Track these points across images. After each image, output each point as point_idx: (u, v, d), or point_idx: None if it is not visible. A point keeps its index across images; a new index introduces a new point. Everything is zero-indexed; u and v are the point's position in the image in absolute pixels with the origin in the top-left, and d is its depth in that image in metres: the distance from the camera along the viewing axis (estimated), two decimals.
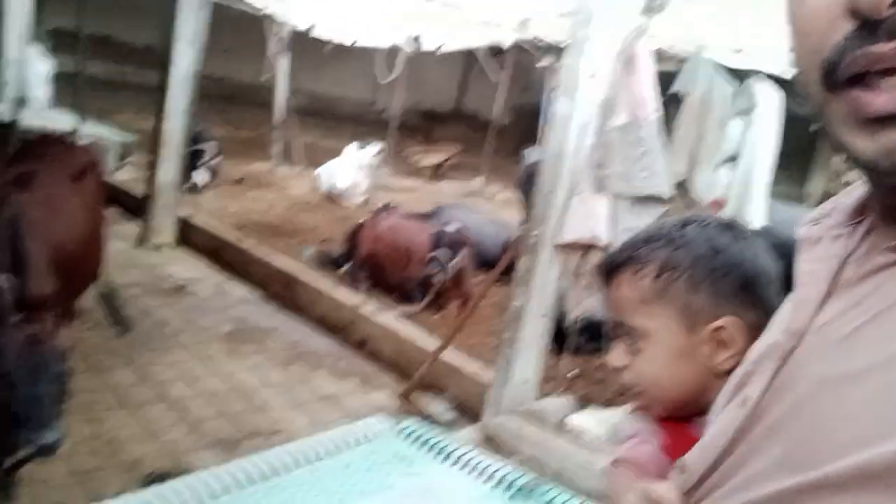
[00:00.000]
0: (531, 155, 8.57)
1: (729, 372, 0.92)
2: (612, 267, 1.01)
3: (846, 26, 0.53)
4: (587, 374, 4.93)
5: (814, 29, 0.56)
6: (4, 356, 2.33)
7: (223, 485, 1.82)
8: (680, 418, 0.99)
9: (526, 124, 16.43)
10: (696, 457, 0.69)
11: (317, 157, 11.41)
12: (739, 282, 0.95)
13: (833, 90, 0.56)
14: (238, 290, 5.94)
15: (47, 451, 2.33)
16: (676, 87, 3.49)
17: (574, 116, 3.24)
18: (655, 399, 0.99)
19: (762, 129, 3.97)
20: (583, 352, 5.12)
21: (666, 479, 0.86)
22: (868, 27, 0.52)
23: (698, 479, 0.68)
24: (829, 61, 0.55)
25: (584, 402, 4.12)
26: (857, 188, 0.71)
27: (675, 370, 0.96)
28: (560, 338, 3.84)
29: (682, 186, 3.36)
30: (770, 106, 3.93)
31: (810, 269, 0.68)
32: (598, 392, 4.52)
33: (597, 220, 3.31)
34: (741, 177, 3.94)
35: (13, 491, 2.79)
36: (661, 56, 4.54)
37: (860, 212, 0.68)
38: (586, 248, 3.42)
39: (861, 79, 0.53)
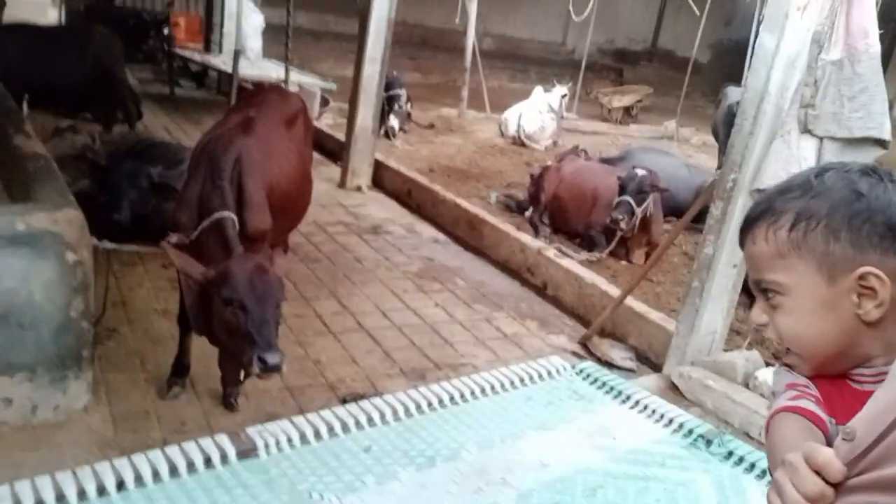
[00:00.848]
0: (732, 94, 8.03)
1: (878, 322, 0.86)
2: (748, 222, 0.99)
3: None
4: None
5: None
6: (239, 283, 2.60)
7: (417, 405, 1.99)
8: (834, 373, 0.95)
9: (726, 62, 15.33)
10: (866, 426, 0.66)
11: (505, 101, 11.47)
12: (884, 227, 0.87)
13: None
14: (427, 231, 6.22)
15: (274, 369, 2.56)
16: None
17: (780, 51, 3.00)
18: (801, 356, 0.95)
19: None
20: None
21: (830, 443, 0.84)
22: None
23: (865, 449, 0.65)
24: None
25: (773, 359, 3.92)
26: None
27: (818, 324, 0.91)
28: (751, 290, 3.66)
29: None
30: None
31: None
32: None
33: (801, 164, 3.08)
34: None
35: (237, 399, 3.20)
36: None
37: None
38: None
39: None
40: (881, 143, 2.99)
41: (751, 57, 3.35)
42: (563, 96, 10.80)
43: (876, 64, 2.92)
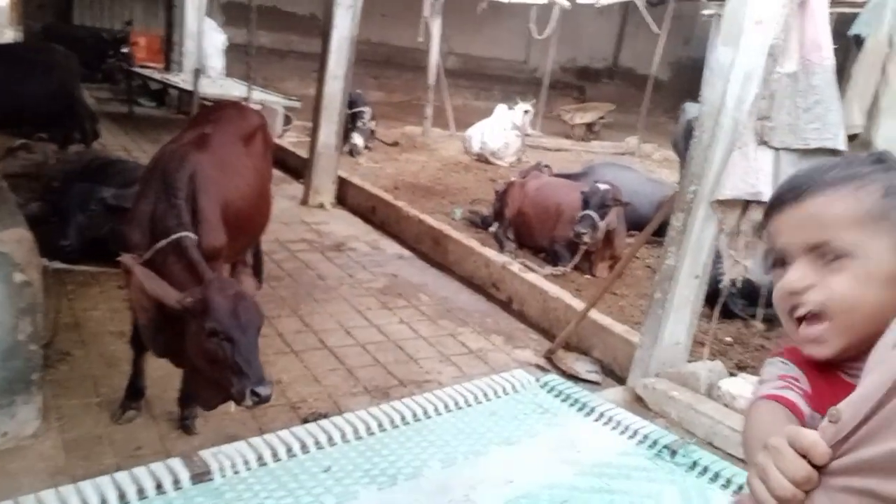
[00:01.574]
0: (691, 110, 8.16)
1: None
2: (817, 183, 0.96)
3: None
4: (742, 340, 4.71)
5: None
6: (223, 313, 2.45)
7: (378, 423, 1.94)
8: (829, 366, 0.95)
9: (685, 79, 15.63)
10: (851, 408, 0.65)
11: (468, 119, 11.52)
12: None
13: None
14: (392, 247, 6.18)
15: (266, 400, 2.41)
16: (856, 29, 3.18)
17: (737, 65, 3.04)
18: (843, 325, 0.92)
19: None
20: (738, 316, 4.89)
21: (815, 427, 0.82)
22: None
23: (850, 431, 0.65)
24: None
25: (737, 369, 3.95)
26: None
27: (879, 296, 0.91)
28: (714, 301, 3.68)
29: (856, 139, 3.07)
30: None
31: None
32: (752, 359, 4.31)
33: (758, 175, 3.12)
34: None
35: (195, 422, 3.11)
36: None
37: None
38: (746, 205, 3.24)
39: None
40: (836, 153, 3.03)
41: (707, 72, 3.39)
42: (526, 113, 10.90)
43: (830, 76, 2.97)
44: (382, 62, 16.26)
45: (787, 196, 0.98)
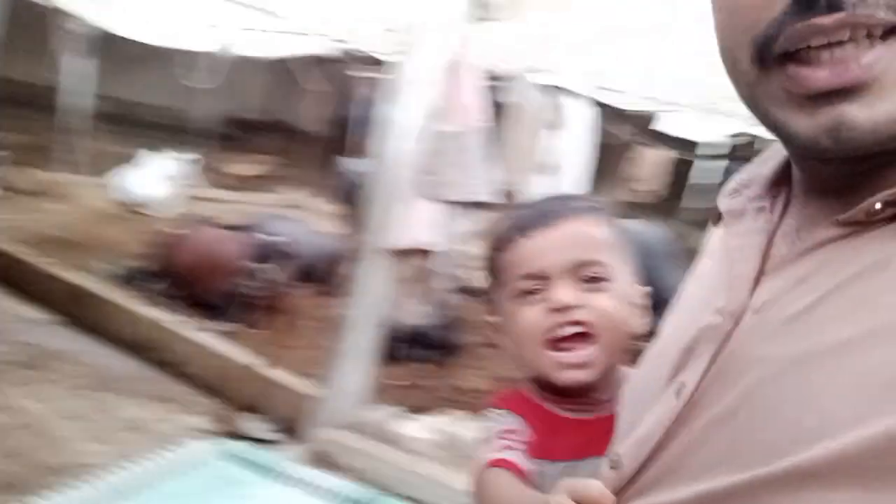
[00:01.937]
0: (347, 165, 8.52)
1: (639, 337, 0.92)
2: (565, 211, 0.98)
3: (783, 1, 0.51)
4: (418, 383, 4.92)
5: (747, 4, 0.54)
6: None
7: None
8: (544, 402, 0.95)
9: (344, 135, 16.36)
10: (631, 451, 0.64)
11: (117, 166, 10.56)
12: (639, 256, 1.03)
13: (766, 67, 0.54)
14: (31, 313, 5.30)
15: None
16: (501, 98, 3.61)
17: (400, 122, 3.23)
18: (608, 346, 0.94)
19: (576, 141, 4.21)
20: (413, 360, 5.12)
21: (540, 479, 0.82)
22: (806, 1, 0.51)
23: (632, 475, 0.63)
24: (765, 36, 0.53)
25: (414, 411, 4.10)
26: (770, 157, 0.70)
27: (630, 313, 0.97)
28: (392, 348, 3.80)
29: (510, 194, 3.47)
30: (583, 121, 4.18)
31: (739, 245, 0.65)
32: (428, 400, 4.52)
33: (424, 226, 3.32)
34: (559, 186, 4.15)
35: None
36: (490, 72, 4.67)
37: (778, 184, 0.67)
38: (413, 254, 3.42)
39: (794, 56, 0.52)
40: (489, 206, 3.36)
41: (355, 132, 3.56)
42: (183, 162, 10.38)
43: (483, 136, 3.30)
44: (22, 101, 14.25)
45: (533, 223, 0.96)
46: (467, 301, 5.49)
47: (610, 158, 10.61)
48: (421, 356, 5.02)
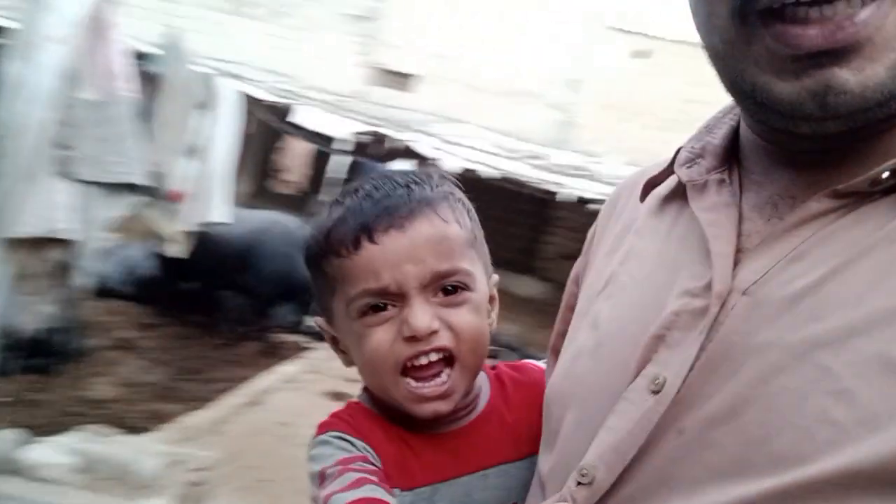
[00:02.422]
0: None
1: None
2: (417, 204, 0.79)
3: None
4: (37, 398, 4.13)
5: None
6: None
7: None
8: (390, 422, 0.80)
9: None
10: (606, 460, 0.53)
11: None
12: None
13: (747, 24, 0.50)
14: None
15: None
16: (152, 67, 3.20)
17: (31, 85, 2.66)
18: (467, 369, 0.78)
19: (224, 124, 3.96)
20: (30, 371, 4.29)
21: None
22: None
23: (607, 490, 0.53)
24: None
25: (40, 433, 3.43)
26: (716, 126, 0.64)
27: (486, 328, 0.81)
28: (2, 359, 3.12)
29: (160, 177, 3.10)
30: (232, 103, 3.94)
31: (710, 220, 0.57)
32: (54, 417, 3.83)
33: (59, 209, 2.81)
34: (207, 171, 3.84)
35: None
36: (138, 37, 4.08)
37: (729, 154, 0.62)
38: (44, 244, 2.87)
39: (779, 13, 0.48)
40: (139, 188, 2.99)
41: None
42: None
43: (130, 108, 2.90)
44: None
45: (381, 223, 0.77)
46: (95, 300, 4.83)
47: (254, 147, 10.31)
48: (39, 366, 4.23)
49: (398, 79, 10.36)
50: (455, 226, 0.80)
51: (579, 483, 0.54)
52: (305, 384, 5.01)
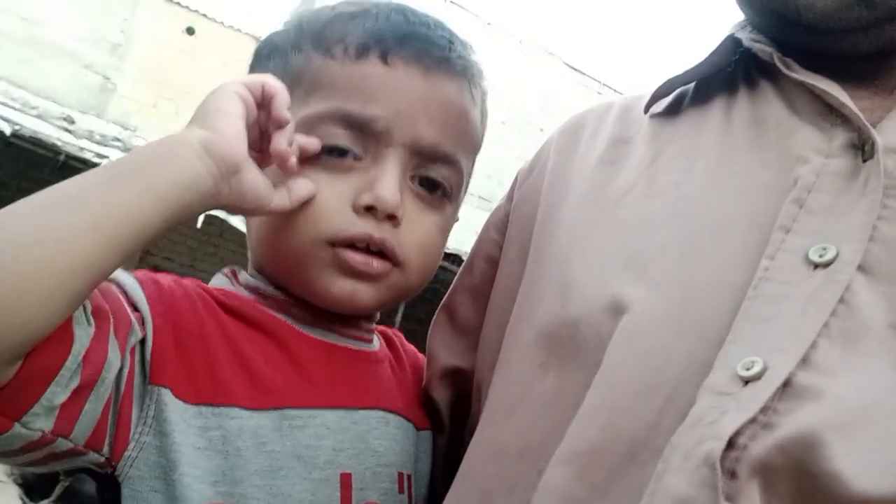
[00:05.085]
0: None
1: None
2: (452, 55, 0.62)
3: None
4: None
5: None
6: None
7: None
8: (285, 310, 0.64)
9: None
10: (782, 346, 0.41)
11: None
12: None
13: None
14: None
15: None
16: None
17: None
18: (410, 282, 0.64)
19: None
20: None
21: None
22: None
23: (780, 387, 0.40)
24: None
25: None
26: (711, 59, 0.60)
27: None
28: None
29: None
30: None
31: (823, 84, 0.50)
32: None
33: None
34: None
35: None
36: None
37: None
38: None
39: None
40: None
41: None
42: None
43: None
44: None
45: (405, 49, 0.59)
46: None
47: None
48: None
49: None
50: (478, 115, 0.66)
51: (747, 382, 0.40)
52: None
